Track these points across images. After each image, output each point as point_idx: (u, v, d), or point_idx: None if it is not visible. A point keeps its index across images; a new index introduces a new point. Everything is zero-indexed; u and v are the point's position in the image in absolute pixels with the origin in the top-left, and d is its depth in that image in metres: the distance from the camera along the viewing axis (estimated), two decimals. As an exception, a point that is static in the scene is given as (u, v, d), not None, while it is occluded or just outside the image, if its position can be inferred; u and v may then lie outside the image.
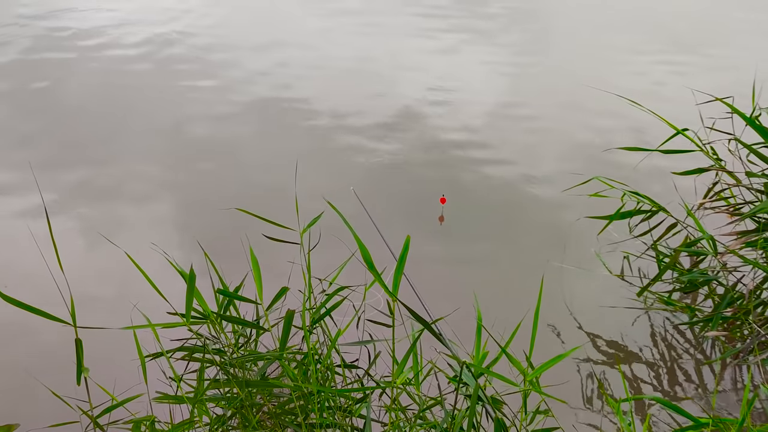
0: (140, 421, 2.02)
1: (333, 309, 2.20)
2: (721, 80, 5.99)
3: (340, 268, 2.32)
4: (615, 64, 6.81)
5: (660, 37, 7.60)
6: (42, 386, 2.32)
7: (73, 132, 5.36)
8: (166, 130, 5.41)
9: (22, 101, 5.89)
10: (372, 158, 5.01)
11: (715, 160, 3.30)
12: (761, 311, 3.05)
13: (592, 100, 5.68)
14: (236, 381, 2.08)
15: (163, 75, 6.49)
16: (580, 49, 7.33)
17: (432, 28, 7.86)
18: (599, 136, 5.24)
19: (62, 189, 4.54)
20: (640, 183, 3.75)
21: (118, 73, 6.48)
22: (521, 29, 7.92)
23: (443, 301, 2.55)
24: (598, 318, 3.43)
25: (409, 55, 7.06)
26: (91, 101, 5.90)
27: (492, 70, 6.72)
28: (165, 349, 2.05)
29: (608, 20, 8.29)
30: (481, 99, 6.04)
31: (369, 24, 7.98)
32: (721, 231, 3.26)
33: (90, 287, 3.52)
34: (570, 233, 3.98)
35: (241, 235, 2.55)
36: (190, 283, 1.96)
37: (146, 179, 4.70)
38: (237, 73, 6.53)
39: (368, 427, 2.01)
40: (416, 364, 2.12)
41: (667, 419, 2.85)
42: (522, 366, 2.02)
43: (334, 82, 6.36)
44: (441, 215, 4.24)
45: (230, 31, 7.67)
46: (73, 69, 6.60)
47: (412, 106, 5.86)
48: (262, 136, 5.36)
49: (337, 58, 6.92)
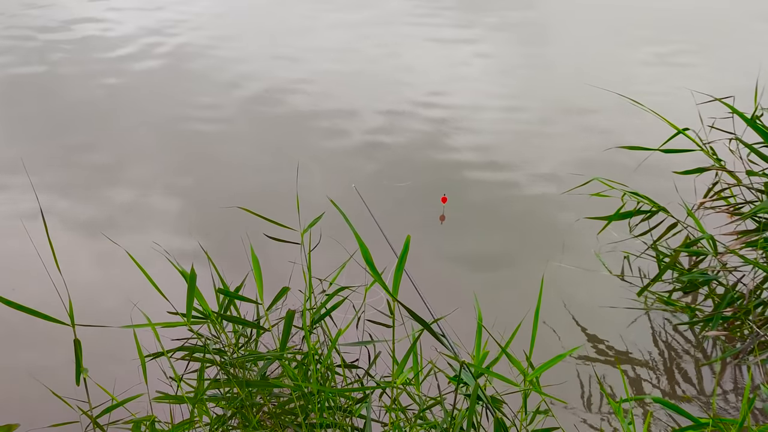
0: (140, 421, 2.02)
1: (333, 309, 2.20)
2: (725, 79, 5.99)
3: (341, 268, 2.32)
4: (616, 65, 6.81)
5: (661, 37, 7.59)
6: (42, 386, 2.32)
7: (73, 130, 5.36)
8: (166, 129, 5.41)
9: (20, 98, 5.90)
10: (373, 158, 5.00)
11: (715, 159, 3.30)
12: (761, 311, 3.05)
13: (593, 100, 5.68)
14: (236, 381, 2.08)
15: (162, 75, 6.49)
16: (582, 49, 7.32)
17: (434, 27, 7.85)
18: (600, 136, 5.24)
19: (64, 188, 4.54)
20: (641, 183, 3.75)
21: (116, 72, 6.48)
22: (522, 29, 7.92)
23: (443, 301, 2.55)
24: (598, 318, 3.43)
25: (411, 55, 7.06)
26: (91, 100, 5.90)
27: (493, 70, 6.72)
28: (165, 349, 2.05)
29: (609, 21, 8.28)
30: (482, 99, 6.04)
31: (370, 23, 7.98)
32: (721, 231, 3.25)
33: (91, 287, 3.52)
34: (570, 233, 3.98)
35: (245, 235, 2.55)
36: (191, 283, 1.96)
37: (148, 178, 4.70)
38: (241, 71, 6.53)
39: (368, 427, 2.02)
40: (416, 364, 2.13)
41: (668, 419, 2.85)
42: (522, 366, 2.02)
43: (337, 82, 6.36)
44: (442, 214, 4.24)
45: (236, 30, 7.67)
46: (69, 67, 6.61)
47: (413, 107, 5.85)
48: (265, 135, 5.36)
49: (340, 58, 6.93)
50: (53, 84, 6.27)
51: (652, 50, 7.16)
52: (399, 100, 5.94)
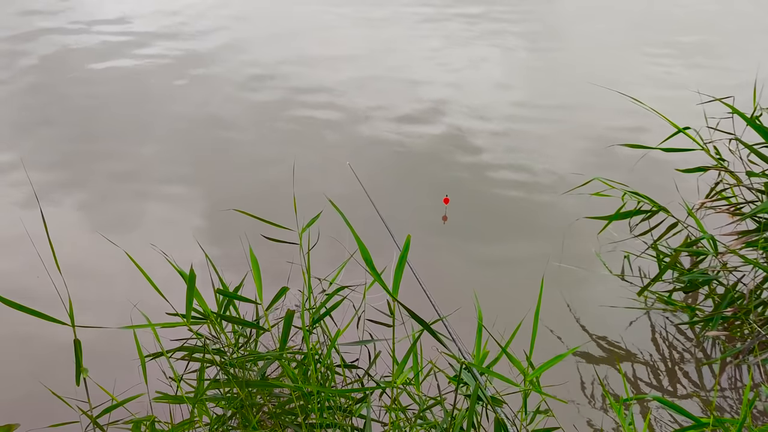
0: (140, 421, 2.02)
1: (333, 309, 2.20)
2: (726, 79, 5.99)
3: (340, 267, 2.32)
4: (617, 65, 6.81)
5: (663, 37, 7.59)
6: (42, 386, 2.32)
7: (78, 128, 5.37)
8: (167, 128, 5.41)
9: (28, 97, 5.90)
10: (374, 157, 5.00)
11: (716, 159, 3.30)
12: (761, 311, 3.05)
13: (593, 100, 5.68)
14: (236, 381, 2.08)
15: (163, 72, 6.49)
16: (583, 49, 7.32)
17: (439, 26, 7.86)
18: (601, 136, 5.24)
19: (69, 186, 4.54)
20: (641, 183, 3.75)
21: (114, 71, 6.48)
22: (526, 28, 7.92)
23: (443, 301, 2.55)
24: (598, 318, 3.43)
25: (415, 54, 7.06)
26: (93, 100, 5.91)
27: (494, 70, 6.72)
28: (165, 349, 2.05)
29: (610, 21, 8.28)
30: (482, 99, 6.04)
31: (376, 19, 7.99)
32: (721, 231, 3.25)
33: (91, 287, 3.52)
34: (570, 233, 3.98)
35: (254, 234, 2.54)
36: (190, 283, 1.96)
37: (150, 178, 4.70)
38: (246, 70, 6.54)
39: (368, 427, 2.01)
40: (416, 364, 2.12)
41: (668, 419, 2.85)
42: (522, 366, 2.02)
43: (342, 81, 6.37)
44: (444, 215, 4.25)
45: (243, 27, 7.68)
46: (76, 63, 6.61)
47: (414, 106, 5.85)
48: (268, 135, 5.36)
49: (347, 56, 6.94)
50: (63, 79, 6.27)
51: (654, 50, 7.16)
52: (403, 100, 5.94)
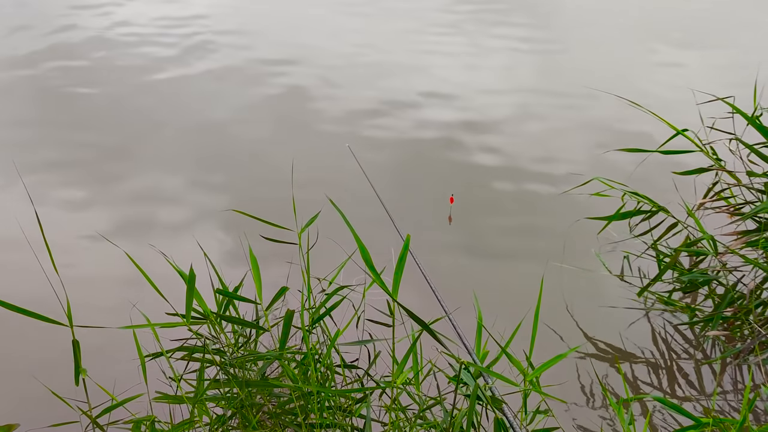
0: (140, 421, 2.02)
1: (332, 309, 2.20)
2: (726, 79, 5.99)
3: (340, 267, 2.32)
4: (618, 64, 6.80)
5: (664, 37, 7.58)
6: (42, 386, 2.32)
7: (81, 132, 5.37)
8: (166, 129, 5.42)
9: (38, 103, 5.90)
10: (376, 156, 5.00)
11: (715, 160, 3.30)
12: (762, 311, 3.05)
13: (594, 100, 5.67)
14: (236, 381, 2.08)
15: (183, 74, 6.50)
16: (584, 49, 7.32)
17: (440, 24, 7.85)
18: (601, 136, 5.24)
19: (69, 187, 4.54)
20: (641, 183, 3.75)
21: (116, 71, 6.49)
22: (527, 28, 7.91)
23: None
24: (598, 318, 3.43)
25: (416, 50, 7.06)
26: (97, 101, 5.91)
27: (495, 71, 6.72)
28: (165, 349, 2.05)
29: (611, 21, 8.27)
30: (483, 99, 6.03)
31: (376, 15, 7.99)
32: (721, 231, 3.25)
33: (91, 287, 3.52)
34: (570, 233, 3.97)
35: (251, 233, 2.54)
36: (190, 284, 1.96)
37: (153, 178, 4.70)
38: (247, 69, 6.54)
39: (368, 427, 2.01)
40: (416, 364, 2.12)
41: (668, 419, 2.85)
42: (522, 366, 2.02)
43: (345, 78, 6.37)
44: (449, 215, 4.25)
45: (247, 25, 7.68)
46: (82, 70, 6.61)
47: (415, 105, 5.85)
48: (274, 134, 5.36)
49: (346, 52, 6.95)
50: (76, 84, 6.28)
51: (655, 50, 7.15)
52: (402, 97, 5.94)
